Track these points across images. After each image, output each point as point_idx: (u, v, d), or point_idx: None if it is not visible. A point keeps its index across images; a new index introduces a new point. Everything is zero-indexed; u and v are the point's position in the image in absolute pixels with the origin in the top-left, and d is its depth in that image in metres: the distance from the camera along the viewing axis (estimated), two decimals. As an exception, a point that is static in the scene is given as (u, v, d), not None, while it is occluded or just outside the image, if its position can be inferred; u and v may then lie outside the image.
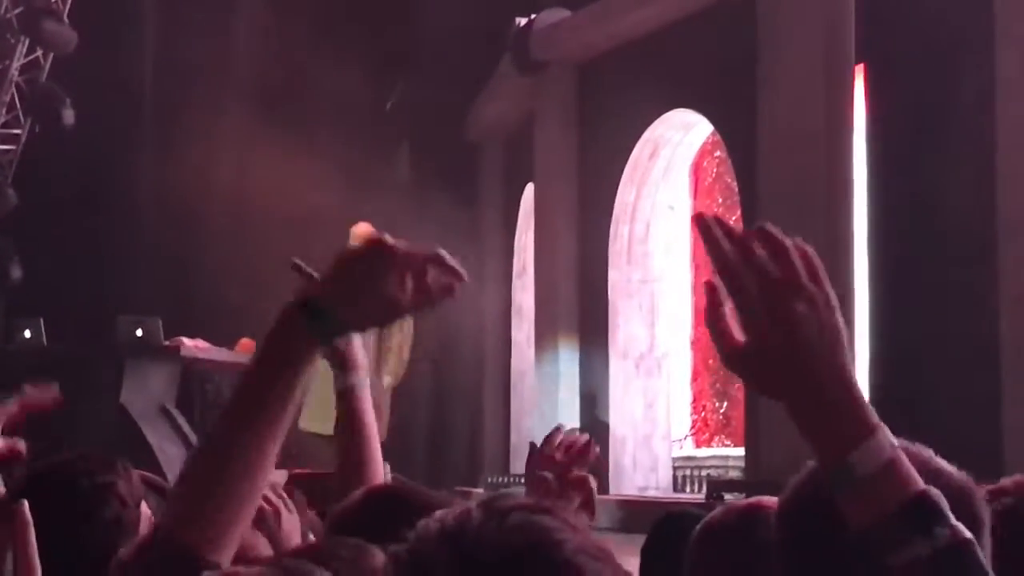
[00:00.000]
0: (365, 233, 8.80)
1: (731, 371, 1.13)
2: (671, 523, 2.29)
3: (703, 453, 11.36)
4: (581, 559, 0.79)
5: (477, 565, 0.78)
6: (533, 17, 10.79)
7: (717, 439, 11.57)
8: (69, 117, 12.58)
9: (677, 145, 10.61)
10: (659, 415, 10.89)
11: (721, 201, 11.14)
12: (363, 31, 12.30)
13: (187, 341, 10.62)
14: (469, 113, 12.70)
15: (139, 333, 10.71)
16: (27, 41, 12.64)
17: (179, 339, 10.57)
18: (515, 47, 10.92)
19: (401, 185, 12.29)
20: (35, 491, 1.88)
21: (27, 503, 1.60)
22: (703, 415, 11.85)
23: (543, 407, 10.80)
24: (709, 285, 1.08)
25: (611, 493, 9.66)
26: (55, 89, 12.57)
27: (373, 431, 1.93)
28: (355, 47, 11.64)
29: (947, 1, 8.09)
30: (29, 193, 12.91)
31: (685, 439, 11.59)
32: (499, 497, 0.86)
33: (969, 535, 1.03)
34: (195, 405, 10.86)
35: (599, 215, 10.82)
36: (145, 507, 2.05)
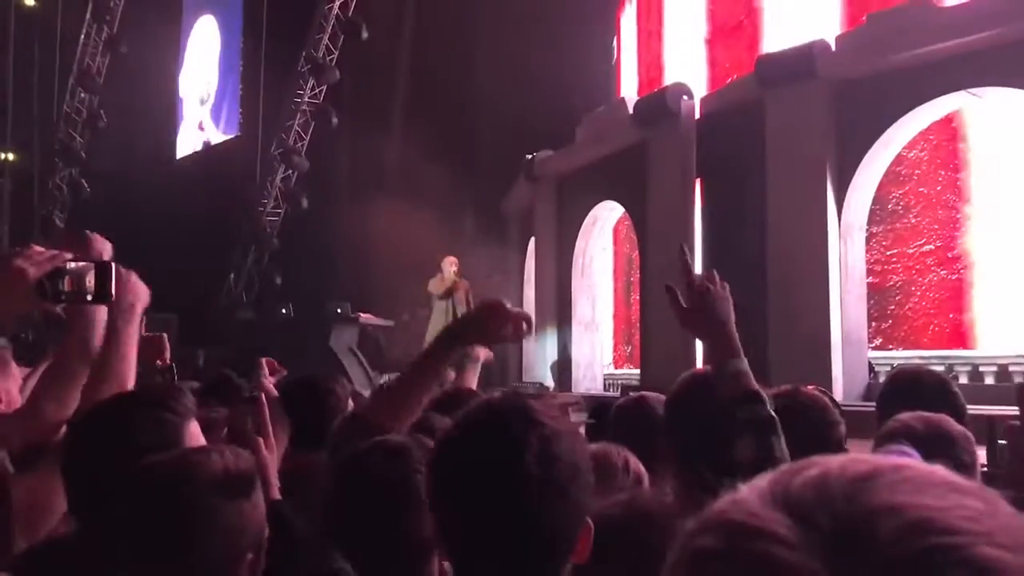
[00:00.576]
0: (451, 260, 12.75)
1: (683, 326, 1.86)
2: (600, 407, 3.48)
3: (619, 372, 14.24)
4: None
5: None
6: (535, 154, 13.92)
7: (627, 365, 14.50)
8: (305, 202, 18.13)
9: (607, 218, 13.33)
10: (596, 353, 13.64)
11: (629, 246, 13.97)
12: (452, 146, 15.74)
13: (362, 315, 13.91)
14: (504, 199, 15.74)
15: (339, 310, 13.81)
16: (283, 166, 18.38)
17: (359, 313, 13.85)
18: (526, 168, 14.10)
19: (468, 235, 15.37)
20: (293, 389, 2.72)
21: (266, 396, 2.02)
22: (619, 352, 15.13)
23: (541, 347, 13.79)
24: (667, 287, 1.83)
25: (572, 392, 11.98)
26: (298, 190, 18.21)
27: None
28: (446, 155, 14.93)
29: (747, 136, 9.69)
30: (283, 239, 18.56)
31: (609, 364, 14.53)
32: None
33: (773, 414, 1.69)
34: (367, 347, 13.99)
35: (567, 252, 13.34)
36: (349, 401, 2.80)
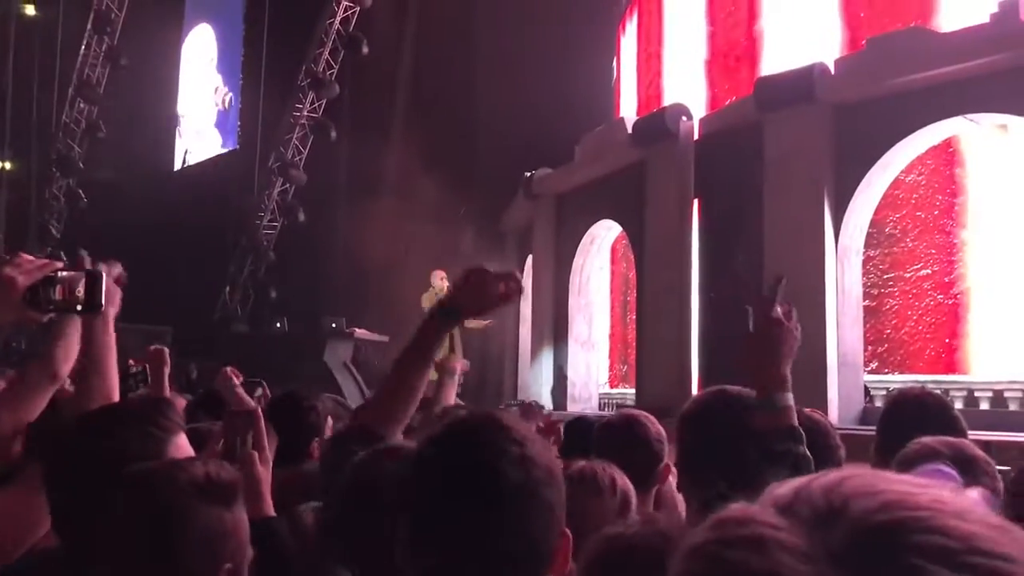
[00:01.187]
0: (439, 273, 12.47)
1: (746, 348, 1.86)
2: (575, 423, 3.69)
3: (615, 391, 14.09)
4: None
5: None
6: (534, 172, 13.88)
7: (622, 384, 14.30)
8: (302, 216, 18.47)
9: (605, 236, 13.15)
10: (592, 372, 13.31)
11: (626, 265, 13.79)
12: (451, 162, 15.72)
13: (357, 330, 14.40)
14: (502, 216, 15.66)
15: (333, 325, 14.38)
16: (280, 179, 18.78)
17: (353, 328, 14.39)
18: (525, 185, 14.00)
19: (466, 253, 15.18)
20: (276, 405, 2.92)
21: (261, 410, 2.02)
22: (614, 371, 14.95)
23: (537, 365, 13.67)
24: (746, 305, 1.88)
25: (568, 410, 11.88)
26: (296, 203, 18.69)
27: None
28: (444, 172, 14.92)
29: (745, 158, 9.72)
30: (279, 253, 18.94)
31: (605, 383, 14.36)
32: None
33: (809, 456, 1.70)
34: (360, 361, 14.34)
35: (564, 270, 13.18)
36: (330, 418, 2.86)
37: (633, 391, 12.09)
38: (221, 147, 22.54)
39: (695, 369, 10.51)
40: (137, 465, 1.40)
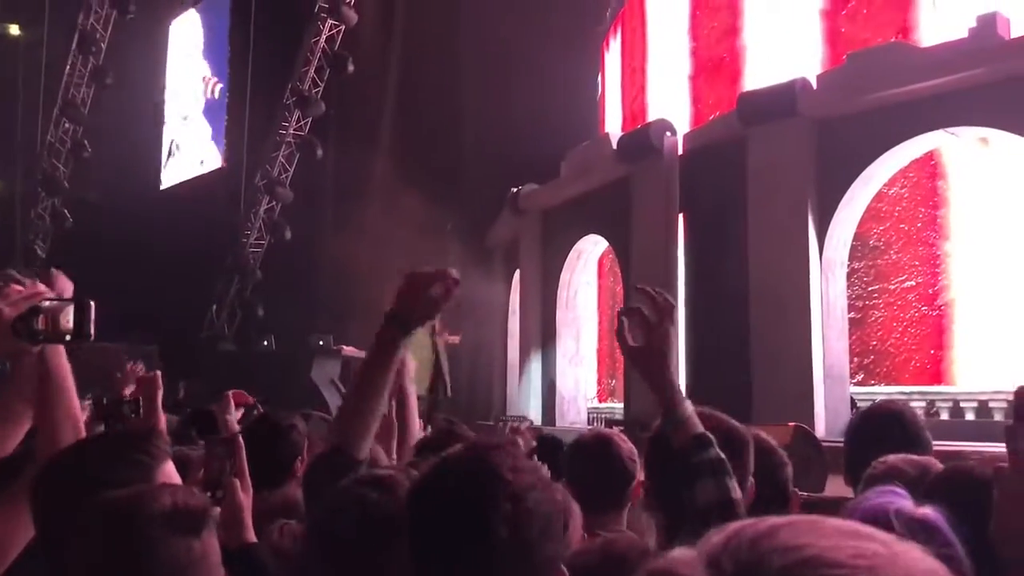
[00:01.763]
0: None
1: (628, 359, 1.77)
2: (546, 439, 3.79)
3: (603, 406, 14.19)
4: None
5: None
6: (520, 188, 14.00)
7: (611, 399, 14.38)
8: (288, 234, 18.25)
9: (591, 251, 13.16)
10: (580, 386, 13.42)
11: (613, 279, 14.06)
12: (437, 179, 15.67)
13: (344, 348, 13.82)
14: (488, 232, 15.74)
15: (320, 343, 14.15)
16: (267, 197, 18.53)
17: (340, 345, 13.94)
18: (511, 201, 14.15)
19: (453, 267, 13.70)
20: (256, 426, 2.93)
21: (243, 435, 2.12)
22: (603, 386, 15.04)
23: (525, 380, 13.82)
24: (617, 313, 1.71)
25: (557, 425, 11.98)
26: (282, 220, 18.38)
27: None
28: (431, 188, 14.74)
29: (729, 172, 9.87)
30: (266, 270, 18.75)
31: (593, 398, 14.53)
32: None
33: (722, 455, 1.69)
34: (348, 379, 12.63)
35: (551, 285, 13.18)
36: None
37: (622, 406, 12.08)
38: (211, 138, 22.29)
39: (683, 383, 10.56)
40: (105, 494, 1.39)
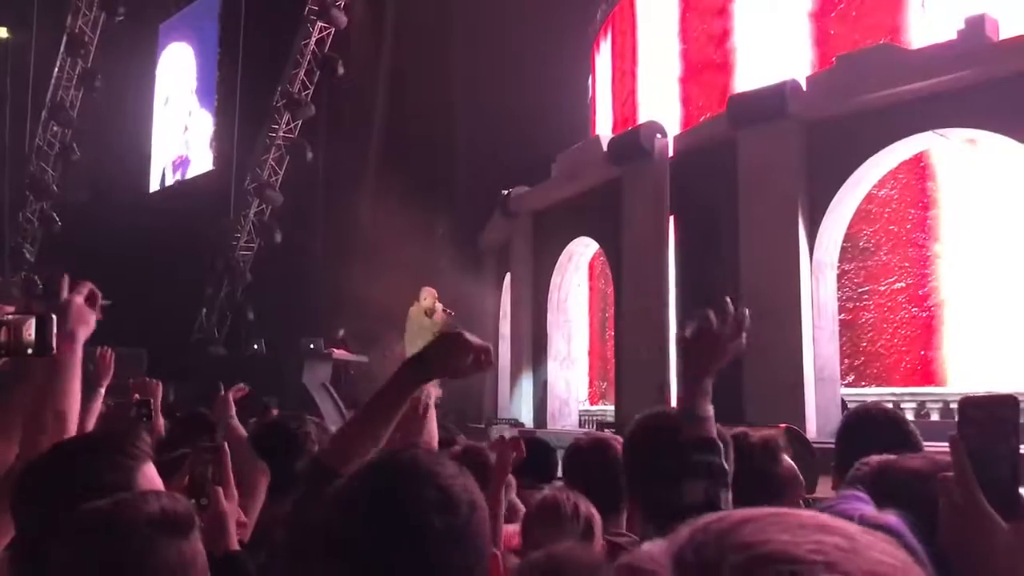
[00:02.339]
0: (429, 291, 12.56)
1: (684, 344, 1.92)
2: (535, 443, 3.52)
3: (595, 408, 14.32)
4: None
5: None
6: (511, 190, 13.93)
7: (602, 401, 14.64)
8: (279, 236, 18.28)
9: (582, 254, 13.19)
10: (572, 389, 13.37)
11: (604, 282, 14.05)
12: (428, 181, 16.13)
13: (335, 350, 13.98)
14: (480, 235, 15.64)
15: (311, 346, 13.89)
16: (257, 200, 18.55)
17: (331, 348, 13.95)
18: (502, 204, 14.04)
19: (445, 270, 14.97)
20: (266, 431, 2.83)
21: (254, 440, 2.18)
22: (594, 388, 15.19)
23: (517, 383, 13.65)
24: (681, 335, 1.88)
25: (548, 428, 11.96)
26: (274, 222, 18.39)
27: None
28: (422, 191, 15.26)
29: (719, 174, 9.81)
30: (256, 273, 18.76)
31: (585, 401, 14.43)
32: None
33: (726, 467, 1.74)
34: (339, 382, 13.99)
35: (542, 288, 13.18)
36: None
37: (613, 408, 12.12)
38: (200, 141, 22.11)
39: (674, 385, 10.47)
40: (91, 504, 1.38)
